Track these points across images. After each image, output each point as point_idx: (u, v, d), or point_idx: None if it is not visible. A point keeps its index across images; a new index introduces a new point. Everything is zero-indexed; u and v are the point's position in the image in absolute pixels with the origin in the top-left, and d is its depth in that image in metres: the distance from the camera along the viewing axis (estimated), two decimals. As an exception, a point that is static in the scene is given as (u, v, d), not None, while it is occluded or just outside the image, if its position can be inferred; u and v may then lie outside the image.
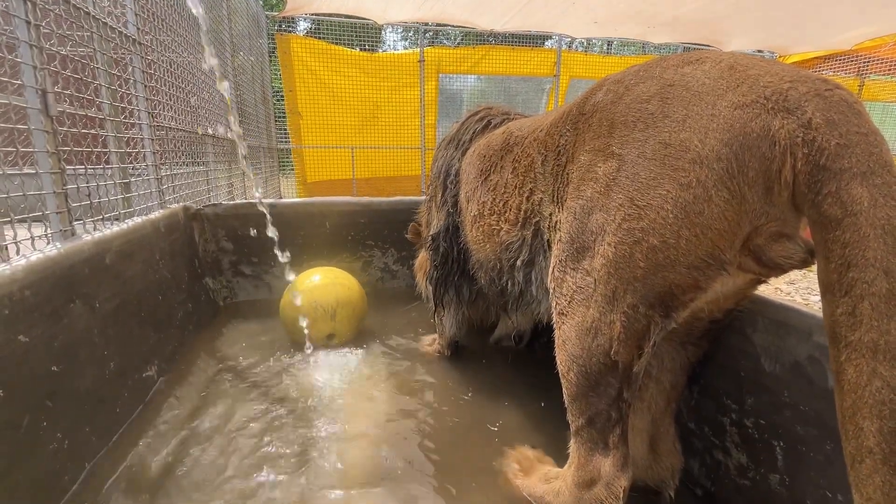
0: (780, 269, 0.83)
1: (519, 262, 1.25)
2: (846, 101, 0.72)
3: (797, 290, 3.66)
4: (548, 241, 1.13)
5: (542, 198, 1.13)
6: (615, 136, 0.90)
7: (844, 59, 6.82)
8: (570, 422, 1.03)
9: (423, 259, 2.06)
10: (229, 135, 1.64)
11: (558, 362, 1.02)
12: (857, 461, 0.65)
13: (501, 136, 1.40)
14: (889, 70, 6.68)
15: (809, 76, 0.75)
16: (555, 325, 1.04)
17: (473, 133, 1.72)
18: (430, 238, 1.77)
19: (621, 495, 0.95)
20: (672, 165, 0.81)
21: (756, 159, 0.74)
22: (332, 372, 1.72)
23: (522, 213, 1.20)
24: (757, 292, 1.04)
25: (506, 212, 1.27)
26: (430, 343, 1.95)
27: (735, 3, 4.43)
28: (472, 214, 1.47)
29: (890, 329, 0.63)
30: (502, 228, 1.29)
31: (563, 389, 1.02)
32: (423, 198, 2.16)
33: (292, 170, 6.80)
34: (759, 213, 0.77)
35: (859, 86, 7.19)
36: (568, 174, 1.02)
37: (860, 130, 0.69)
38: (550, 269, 1.05)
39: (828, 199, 0.68)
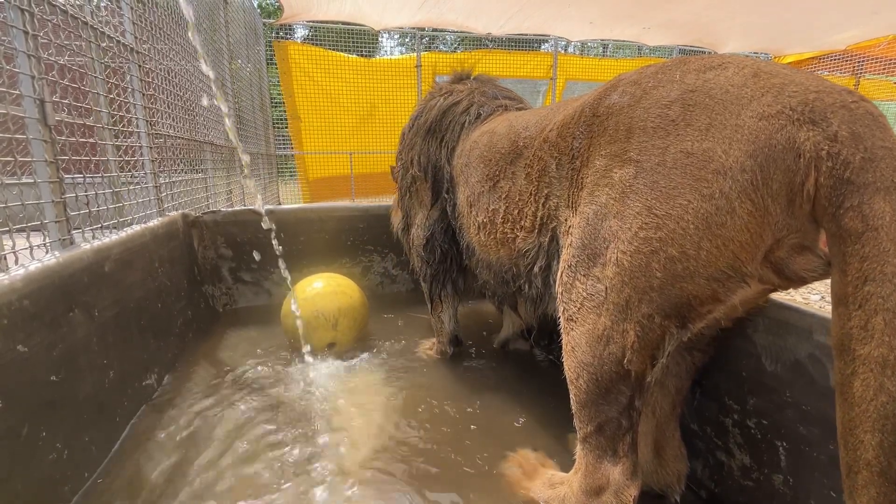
0: (802, 282, 0.82)
1: (536, 269, 1.22)
2: (871, 115, 0.70)
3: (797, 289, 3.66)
4: (562, 246, 1.10)
5: (558, 202, 1.10)
6: (633, 142, 0.87)
7: (839, 59, 6.85)
8: (577, 428, 1.01)
9: (396, 196, 2.04)
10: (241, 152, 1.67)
11: (566, 368, 1.00)
12: (854, 471, 0.66)
13: (507, 139, 1.34)
14: (884, 69, 6.71)
15: (834, 87, 0.74)
16: (562, 331, 1.01)
17: (462, 127, 1.63)
18: (423, 238, 1.75)
19: (631, 503, 0.94)
20: (694, 175, 0.78)
21: (780, 171, 0.73)
22: (332, 378, 1.71)
23: (539, 219, 1.17)
24: (757, 292, 1.03)
25: (521, 219, 1.24)
26: (429, 347, 1.94)
27: (728, 6, 4.45)
28: (478, 221, 1.43)
29: None
30: (518, 236, 1.26)
31: (571, 396, 1.00)
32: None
33: (290, 175, 6.83)
34: (782, 225, 0.76)
35: (854, 85, 7.22)
36: (582, 178, 0.99)
37: (885, 145, 0.68)
38: (559, 274, 1.03)
39: (849, 212, 0.67)
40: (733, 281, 0.81)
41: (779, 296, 1.00)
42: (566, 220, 1.06)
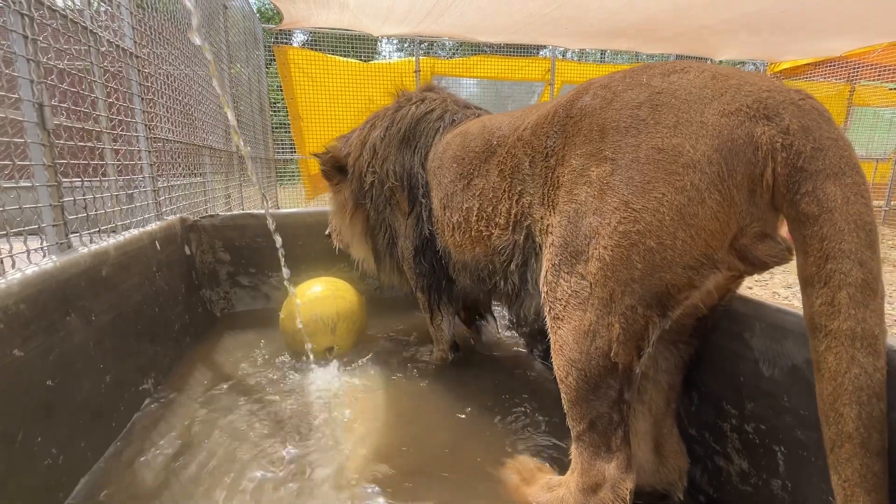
0: (764, 267, 0.87)
1: (513, 266, 1.24)
2: (817, 110, 0.78)
3: (794, 293, 3.67)
4: (539, 244, 1.13)
5: (531, 200, 1.13)
6: (607, 141, 0.92)
7: (835, 65, 6.90)
8: (570, 427, 1.02)
9: (343, 200, 1.94)
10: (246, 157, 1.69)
11: (555, 367, 1.01)
12: (837, 446, 0.69)
13: (480, 138, 1.35)
14: (879, 75, 6.77)
15: (784, 86, 0.82)
16: (550, 331, 1.03)
17: (436, 133, 1.63)
18: (412, 249, 1.72)
19: (627, 497, 0.95)
20: (666, 169, 0.84)
21: (742, 163, 0.79)
22: (330, 383, 1.71)
23: (513, 216, 1.20)
24: (753, 296, 1.04)
25: (495, 216, 1.26)
26: (429, 352, 1.94)
27: (724, 20, 4.51)
28: (453, 221, 1.44)
29: (866, 317, 0.68)
30: (493, 234, 1.27)
31: (562, 394, 1.01)
32: (356, 132, 1.95)
33: (289, 180, 6.86)
34: (745, 213, 0.82)
35: (850, 91, 7.27)
36: (558, 177, 1.02)
37: (831, 136, 0.75)
38: (543, 274, 1.05)
39: (805, 197, 0.74)
40: (706, 268, 0.86)
41: (777, 300, 1.00)
42: (541, 218, 1.09)
